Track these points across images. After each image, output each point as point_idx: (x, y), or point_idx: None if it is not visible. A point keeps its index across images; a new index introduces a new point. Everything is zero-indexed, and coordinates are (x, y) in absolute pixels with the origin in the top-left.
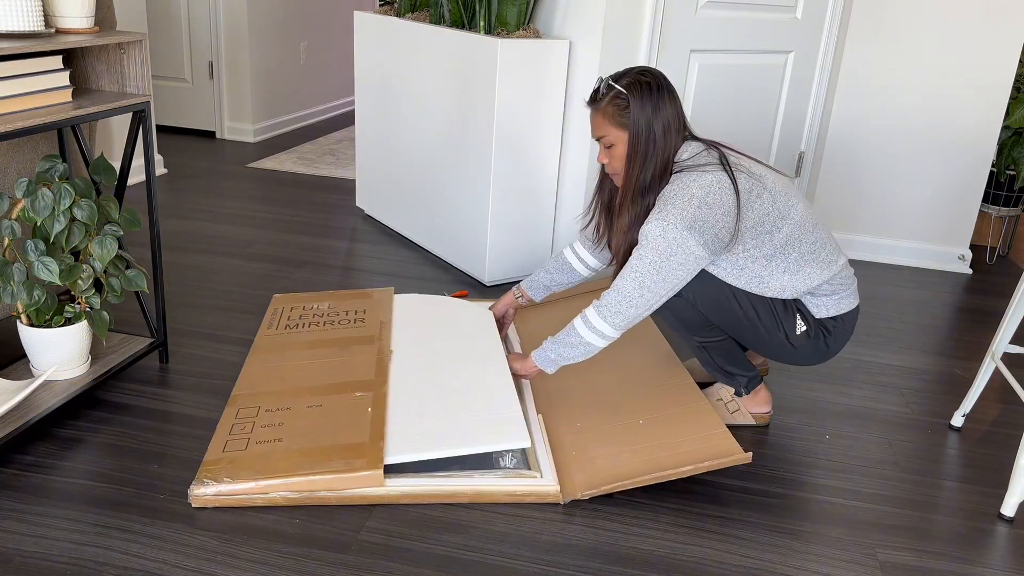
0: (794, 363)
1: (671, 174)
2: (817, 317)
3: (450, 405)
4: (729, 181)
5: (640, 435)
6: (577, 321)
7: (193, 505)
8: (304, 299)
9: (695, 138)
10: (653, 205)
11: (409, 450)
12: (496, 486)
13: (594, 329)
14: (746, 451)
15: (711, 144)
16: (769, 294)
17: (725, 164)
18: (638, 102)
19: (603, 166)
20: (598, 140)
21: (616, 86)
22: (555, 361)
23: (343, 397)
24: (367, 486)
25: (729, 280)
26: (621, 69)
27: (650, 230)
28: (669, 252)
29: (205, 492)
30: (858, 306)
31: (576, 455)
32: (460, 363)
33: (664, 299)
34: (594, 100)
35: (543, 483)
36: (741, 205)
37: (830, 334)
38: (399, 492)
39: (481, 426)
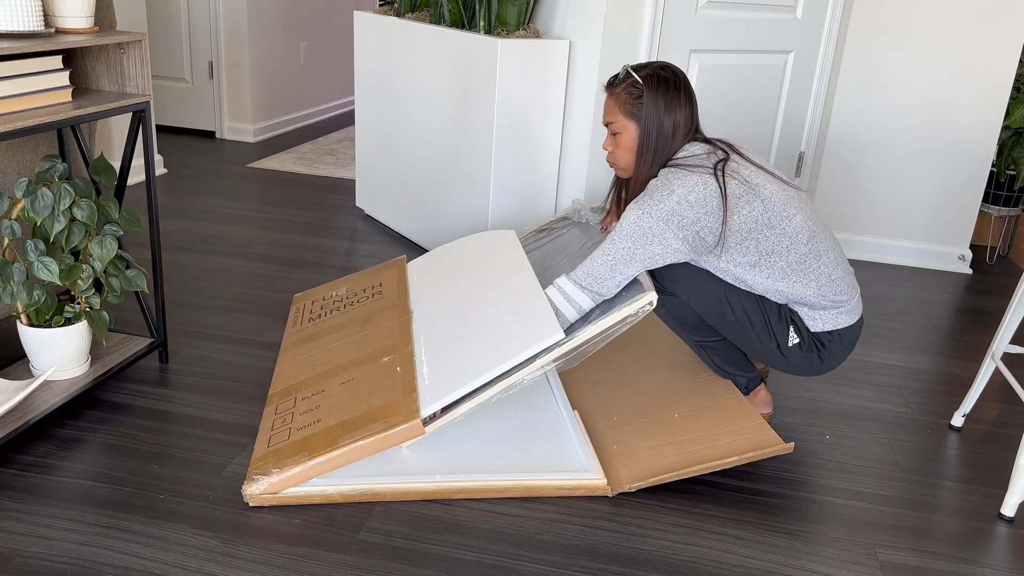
0: (790, 372)
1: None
2: (812, 330)
3: (477, 331)
4: (716, 185)
5: (678, 428)
6: (552, 291)
7: (251, 505)
8: (322, 290)
9: (705, 140)
10: None
11: (446, 391)
12: (546, 480)
13: (571, 300)
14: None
15: (720, 147)
16: (756, 292)
17: (718, 169)
18: (652, 95)
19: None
20: (606, 126)
21: (635, 75)
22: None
23: (371, 366)
24: (409, 438)
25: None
26: (643, 61)
27: (626, 217)
28: (644, 241)
29: (257, 489)
30: (859, 322)
31: (617, 448)
32: (481, 291)
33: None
34: (611, 85)
35: (591, 477)
36: (727, 209)
37: (824, 348)
38: (453, 487)
39: (512, 335)
